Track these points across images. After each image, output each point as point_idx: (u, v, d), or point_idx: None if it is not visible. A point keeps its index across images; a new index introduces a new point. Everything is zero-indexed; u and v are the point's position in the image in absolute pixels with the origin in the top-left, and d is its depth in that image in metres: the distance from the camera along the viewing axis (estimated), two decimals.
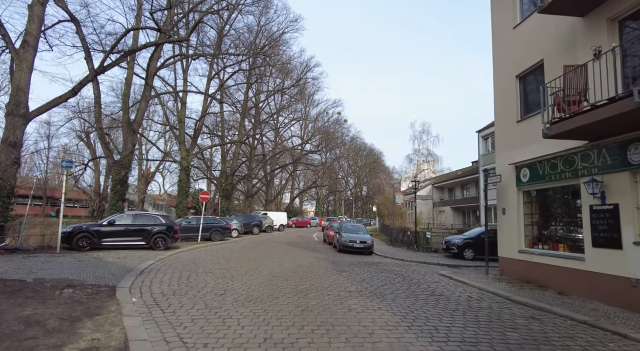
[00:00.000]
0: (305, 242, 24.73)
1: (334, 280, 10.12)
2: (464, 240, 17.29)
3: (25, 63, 14.87)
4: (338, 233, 19.22)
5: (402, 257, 17.14)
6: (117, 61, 15.86)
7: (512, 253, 11.00)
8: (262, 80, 36.24)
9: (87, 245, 14.39)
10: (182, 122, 28.55)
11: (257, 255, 15.31)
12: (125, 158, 20.48)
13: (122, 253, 13.81)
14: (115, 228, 15.13)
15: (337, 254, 17.40)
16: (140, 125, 22.67)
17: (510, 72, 11.59)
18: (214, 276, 9.97)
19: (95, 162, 42.79)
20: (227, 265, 12.31)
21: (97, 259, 12.01)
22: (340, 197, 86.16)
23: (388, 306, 7.34)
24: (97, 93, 20.67)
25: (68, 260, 11.39)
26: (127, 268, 10.54)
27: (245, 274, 10.54)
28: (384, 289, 9.14)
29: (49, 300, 6.72)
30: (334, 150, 52.07)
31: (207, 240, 21.31)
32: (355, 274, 11.42)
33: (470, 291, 9.46)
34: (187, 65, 29.35)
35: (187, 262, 12.59)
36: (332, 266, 12.91)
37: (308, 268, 12.26)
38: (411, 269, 13.51)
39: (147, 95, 21.83)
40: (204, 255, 14.78)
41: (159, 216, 16.76)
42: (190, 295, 7.71)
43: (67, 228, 14.60)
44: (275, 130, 47.64)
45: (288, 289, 8.57)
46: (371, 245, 17.98)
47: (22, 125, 14.77)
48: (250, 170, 40.51)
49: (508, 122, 11.68)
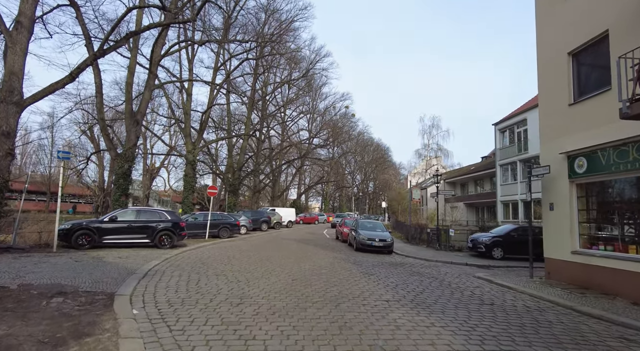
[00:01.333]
0: (318, 239, 23.52)
1: (364, 285, 8.87)
2: (492, 238, 15.97)
3: (19, 46, 13.69)
4: (354, 231, 17.97)
5: (424, 256, 15.87)
6: (118, 43, 14.67)
7: (562, 254, 9.68)
8: (269, 71, 34.91)
9: (87, 243, 13.26)
10: (188, 114, 27.36)
11: (271, 255, 14.11)
12: (128, 150, 19.32)
13: (125, 252, 12.67)
14: (117, 225, 13.98)
15: (355, 253, 16.16)
16: (144, 116, 21.50)
17: (560, 50, 10.22)
18: (226, 280, 8.77)
19: (99, 156, 41.79)
20: (239, 266, 11.11)
21: (97, 259, 10.85)
22: (347, 193, 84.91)
23: (440, 320, 6.09)
24: (98, 82, 19.51)
25: (64, 261, 10.24)
26: (129, 270, 9.37)
27: (261, 277, 9.33)
28: (424, 297, 7.88)
29: (32, 313, 5.54)
30: (343, 144, 50.58)
31: (214, 237, 20.18)
32: (384, 277, 10.17)
33: (522, 298, 8.18)
34: (193, 55, 28.13)
35: (196, 262, 11.41)
36: (355, 268, 11.67)
37: (330, 270, 11.03)
38: (441, 271, 12.25)
39: (151, 84, 20.62)
40: (213, 254, 13.61)
41: (164, 212, 15.60)
42: (202, 304, 6.51)
43: (65, 225, 13.48)
44: (283, 123, 46.35)
45: (315, 297, 7.34)
46: (391, 244, 16.72)
47: (16, 113, 13.60)
48: (258, 165, 39.31)
49: (557, 106, 10.33)
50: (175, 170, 54.88)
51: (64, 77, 13.80)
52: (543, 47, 11.11)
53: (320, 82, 43.86)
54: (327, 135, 47.71)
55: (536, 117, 29.46)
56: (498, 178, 34.37)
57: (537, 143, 28.71)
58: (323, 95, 49.34)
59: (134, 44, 20.56)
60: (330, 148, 56.36)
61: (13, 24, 14.39)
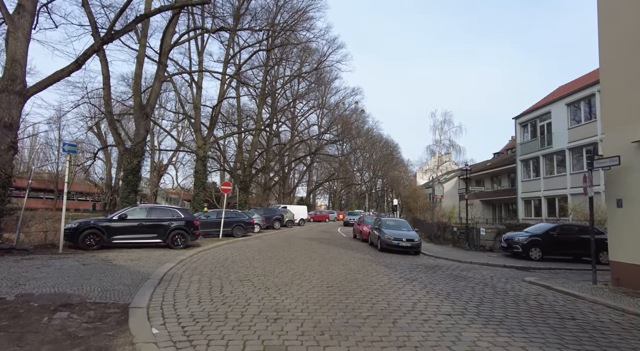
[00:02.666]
0: (335, 238, 22.41)
1: (411, 294, 7.73)
2: (529, 238, 14.75)
3: (21, 31, 12.69)
4: (378, 230, 16.83)
5: (456, 257, 14.71)
6: (127, 27, 13.61)
7: (636, 258, 8.47)
8: (280, 65, 33.74)
9: (95, 243, 12.28)
10: (198, 108, 26.31)
11: (293, 256, 13.02)
12: (137, 145, 18.31)
13: (136, 254, 11.65)
14: (127, 224, 12.98)
15: (381, 254, 15.03)
16: (154, 109, 20.48)
17: (634, 17, 8.91)
18: (253, 287, 7.69)
19: (106, 153, 40.98)
20: (262, 268, 10.03)
21: (106, 262, 9.83)
22: (356, 191, 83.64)
23: (530, 342, 4.95)
24: (105, 73, 18.50)
25: (70, 264, 9.22)
26: (143, 275, 8.33)
27: (291, 283, 8.23)
28: (488, 309, 6.73)
29: (30, 334, 4.49)
30: (354, 139, 49.25)
31: (227, 236, 19.15)
32: (429, 283, 9.03)
33: (603, 311, 6.97)
34: (202, 46, 27.07)
35: (214, 265, 10.36)
36: (391, 273, 10.54)
37: (364, 274, 9.90)
38: (484, 274, 11.08)
39: (161, 75, 19.58)
40: (231, 255, 12.55)
41: (176, 209, 14.57)
42: (233, 320, 5.42)
43: (71, 224, 12.51)
44: (293, 119, 45.20)
45: (363, 310, 6.23)
46: (419, 244, 15.56)
47: (19, 103, 12.62)
48: (268, 162, 38.27)
49: (628, 85, 9.04)
50: (183, 168, 54.11)
51: (69, 64, 12.80)
52: (606, 15, 9.79)
53: (331, 76, 42.60)
54: (338, 131, 46.45)
55: (562, 109, 28.24)
56: (519, 174, 32.97)
57: (563, 137, 27.52)
58: (333, 90, 48.10)
59: (143, 33, 19.51)
60: (340, 145, 55.16)
61: (15, 8, 13.45)
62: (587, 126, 24.73)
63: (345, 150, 59.26)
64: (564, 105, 27.04)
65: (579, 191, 25.20)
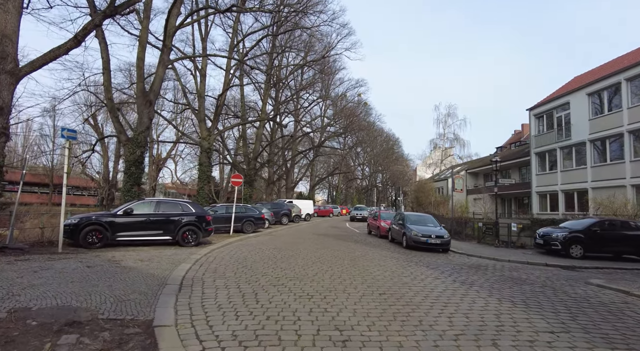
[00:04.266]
0: (349, 234, 21.22)
1: (483, 303, 6.52)
2: (570, 234, 13.62)
3: (12, 2, 11.25)
4: (401, 226, 15.65)
5: (490, 255, 13.58)
6: (131, 1, 12.19)
7: None
8: (286, 52, 32.20)
9: (98, 241, 11.01)
10: (202, 97, 24.90)
11: (318, 254, 11.81)
12: (140, 134, 16.95)
13: (145, 253, 10.39)
14: (133, 219, 11.70)
15: (409, 252, 13.84)
16: (158, 95, 19.07)
17: None
18: (292, 294, 6.48)
19: (103, 146, 39.50)
20: (292, 270, 8.81)
21: (113, 263, 8.56)
22: (357, 185, 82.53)
23: None
24: (105, 58, 17.12)
25: (72, 266, 7.93)
26: (158, 279, 7.09)
27: (334, 289, 7.02)
28: (591, 324, 5.55)
29: None
30: (360, 132, 47.84)
31: (237, 231, 17.92)
32: (492, 288, 7.84)
33: None
34: (207, 31, 25.54)
35: (236, 265, 9.12)
36: (440, 274, 9.37)
37: (411, 277, 8.69)
38: (536, 275, 9.92)
39: (165, 59, 18.14)
40: (249, 254, 11.32)
41: (187, 203, 13.29)
42: (290, 344, 4.23)
43: (71, 219, 11.19)
44: (296, 111, 43.77)
45: (444, 327, 5.02)
46: (449, 241, 14.39)
47: (10, 84, 11.22)
48: (273, 155, 36.95)
49: None
50: (182, 161, 52.68)
51: (67, 41, 11.38)
52: None
53: (338, 65, 41.13)
54: (343, 123, 45.10)
55: (582, 99, 27.04)
56: (533, 168, 31.82)
57: (583, 128, 26.31)
58: (338, 82, 46.66)
59: (145, 14, 18.07)
60: (344, 138, 53.85)
61: None
62: (611, 116, 23.58)
63: (348, 143, 57.98)
64: (585, 95, 25.88)
65: (601, 185, 24.21)
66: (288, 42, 32.20)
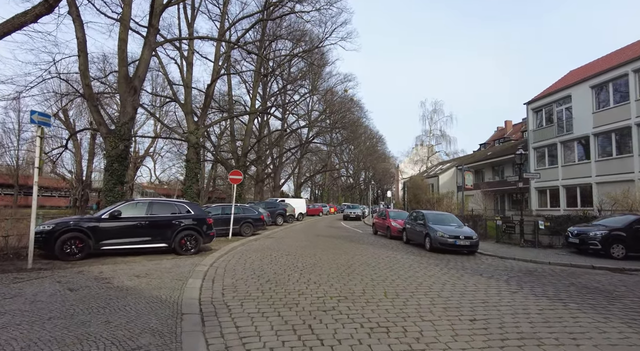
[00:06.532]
0: (353, 234, 19.68)
1: (617, 333, 5.07)
2: (609, 232, 12.48)
3: None
4: (422, 226, 14.21)
5: (523, 256, 12.30)
6: None
7: None
8: (276, 41, 30.24)
9: (79, 251, 8.99)
10: (189, 87, 22.68)
11: (341, 262, 10.16)
12: (124, 126, 14.81)
13: (139, 265, 8.47)
14: (121, 224, 9.72)
15: (437, 255, 12.39)
16: (143, 82, 16.88)
17: None
18: (356, 324, 4.86)
19: (75, 143, 36.33)
20: (327, 284, 7.13)
21: (103, 282, 6.63)
22: (342, 184, 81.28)
23: None
24: (81, 38, 14.83)
25: (49, 290, 5.97)
26: (169, 305, 5.31)
27: (406, 316, 5.42)
28: None
29: None
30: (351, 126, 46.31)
31: (235, 234, 16.04)
32: (575, 302, 6.42)
33: None
34: (193, 16, 23.32)
35: (255, 279, 7.37)
36: (502, 284, 7.91)
37: (477, 292, 7.18)
38: (603, 281, 8.62)
39: (152, 41, 16.00)
40: (261, 262, 9.55)
41: (184, 204, 11.34)
42: None
43: (44, 226, 9.10)
44: (284, 106, 41.84)
45: None
46: (478, 242, 13.03)
47: None
48: (262, 152, 34.96)
49: None
50: (161, 159, 49.88)
51: (37, 4, 9.25)
52: None
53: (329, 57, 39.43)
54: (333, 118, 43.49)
55: (584, 92, 26.39)
56: (531, 163, 31.18)
57: (586, 122, 25.53)
58: (327, 76, 45.00)
59: None
60: (330, 135, 52.28)
61: None
62: (617, 109, 22.94)
63: (336, 140, 56.47)
64: (588, 87, 25.22)
65: (607, 179, 23.60)
66: (278, 31, 30.31)
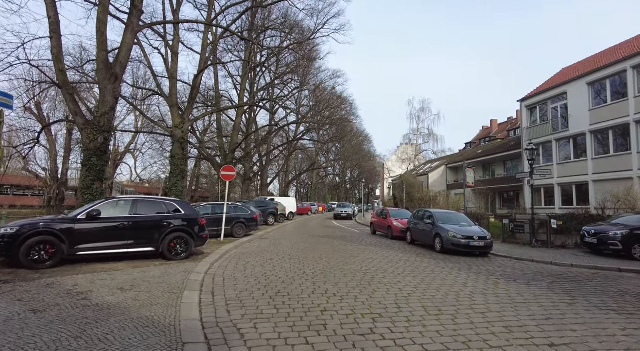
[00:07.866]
0: (351, 234, 18.65)
1: None
2: (631, 231, 11.78)
3: None
4: (430, 226, 13.28)
5: (539, 258, 11.50)
6: None
7: None
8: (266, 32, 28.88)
9: (49, 257, 7.61)
10: (175, 78, 21.14)
11: (356, 267, 9.10)
12: (103, 116, 13.31)
13: (122, 274, 7.18)
14: (100, 225, 8.37)
15: (450, 258, 11.46)
16: (125, 68, 15.34)
17: None
18: None
19: (50, 138, 34.09)
20: (349, 296, 6.05)
21: (77, 298, 5.36)
22: (329, 182, 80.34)
23: None
24: (53, 17, 13.21)
25: (4, 314, 4.66)
26: (163, 330, 4.12)
27: (467, 340, 4.36)
28: None
29: None
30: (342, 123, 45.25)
31: (226, 236, 14.77)
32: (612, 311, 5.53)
33: None
34: (179, 3, 21.80)
35: (263, 291, 6.21)
36: (536, 291, 7.00)
37: (524, 306, 6.23)
38: (635, 285, 7.83)
39: (135, 23, 14.51)
40: (263, 268, 8.38)
41: (173, 202, 10.03)
42: None
43: (7, 228, 7.67)
44: (271, 102, 40.45)
45: None
46: (492, 243, 12.17)
47: None
48: (250, 148, 33.56)
49: None
50: (142, 156, 47.79)
51: None
52: None
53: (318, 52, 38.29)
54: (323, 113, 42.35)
55: (580, 89, 26.04)
56: (525, 161, 30.80)
57: (582, 119, 25.10)
58: (316, 71, 43.81)
59: None
60: (317, 132, 51.15)
61: None
62: (615, 106, 22.62)
63: (323, 138, 55.39)
64: (585, 84, 24.89)
65: (604, 177, 23.29)
66: (267, 22, 28.98)
